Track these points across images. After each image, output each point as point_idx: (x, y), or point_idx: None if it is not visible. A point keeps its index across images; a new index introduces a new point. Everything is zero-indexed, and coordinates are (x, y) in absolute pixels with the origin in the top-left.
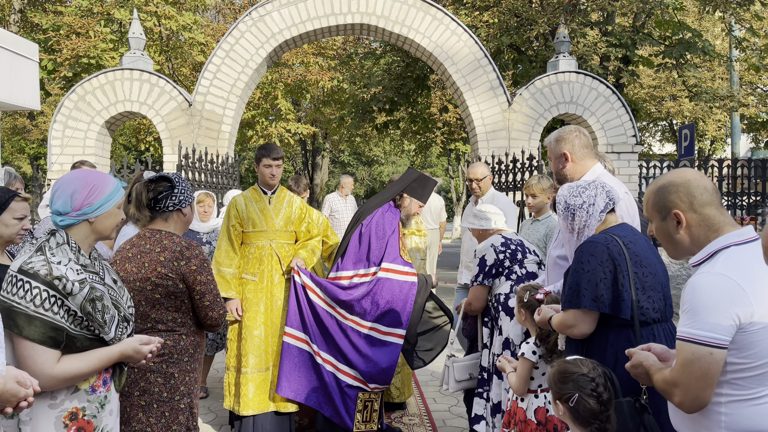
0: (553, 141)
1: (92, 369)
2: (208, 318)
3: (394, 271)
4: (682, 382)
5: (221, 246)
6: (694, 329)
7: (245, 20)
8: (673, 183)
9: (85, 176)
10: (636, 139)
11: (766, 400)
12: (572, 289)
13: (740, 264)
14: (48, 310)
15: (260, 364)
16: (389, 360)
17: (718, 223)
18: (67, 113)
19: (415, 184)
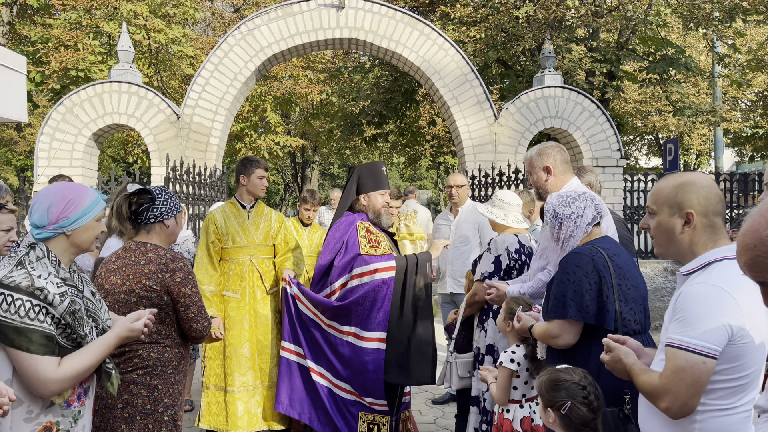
0: (535, 155)
1: (95, 360)
2: (192, 330)
3: (362, 274)
4: (672, 389)
5: (200, 263)
6: (689, 338)
7: (234, 34)
8: (696, 183)
9: (62, 190)
10: (620, 153)
11: (739, 410)
12: (557, 300)
13: (734, 278)
14: (34, 320)
15: (247, 382)
16: (373, 367)
17: (719, 234)
18: (54, 125)
19: (364, 179)
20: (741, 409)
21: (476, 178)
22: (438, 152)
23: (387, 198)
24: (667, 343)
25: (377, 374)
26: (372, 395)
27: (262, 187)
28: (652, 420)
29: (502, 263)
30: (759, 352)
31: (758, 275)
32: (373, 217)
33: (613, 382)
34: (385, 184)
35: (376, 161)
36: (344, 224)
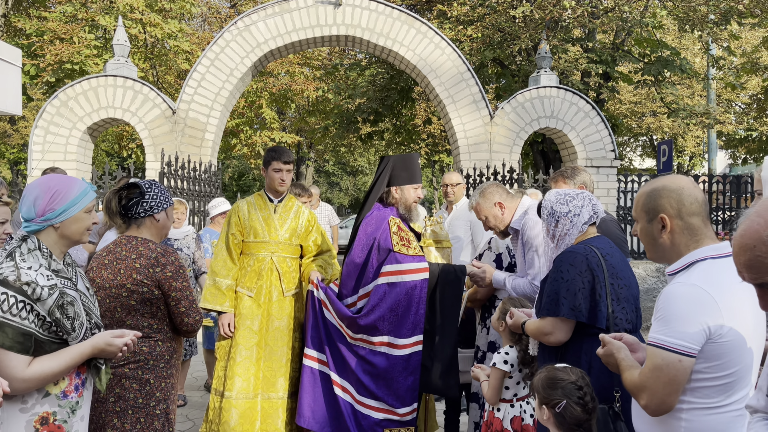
0: (480, 199)
1: (65, 367)
2: (184, 324)
3: (392, 273)
4: (649, 386)
5: (218, 255)
6: (666, 336)
7: (231, 29)
8: (666, 188)
9: (48, 182)
10: (615, 154)
11: (725, 409)
12: (551, 298)
13: (715, 277)
14: (16, 316)
15: (247, 389)
16: (412, 372)
17: (700, 234)
18: (48, 119)
19: (398, 170)
20: (731, 407)
21: (471, 177)
22: (433, 151)
23: (420, 192)
24: (647, 341)
25: (414, 375)
26: (406, 403)
27: (279, 180)
28: (641, 417)
29: (504, 261)
30: (743, 350)
31: (757, 277)
32: (403, 211)
33: (604, 380)
34: (419, 177)
35: (412, 153)
36: (376, 219)
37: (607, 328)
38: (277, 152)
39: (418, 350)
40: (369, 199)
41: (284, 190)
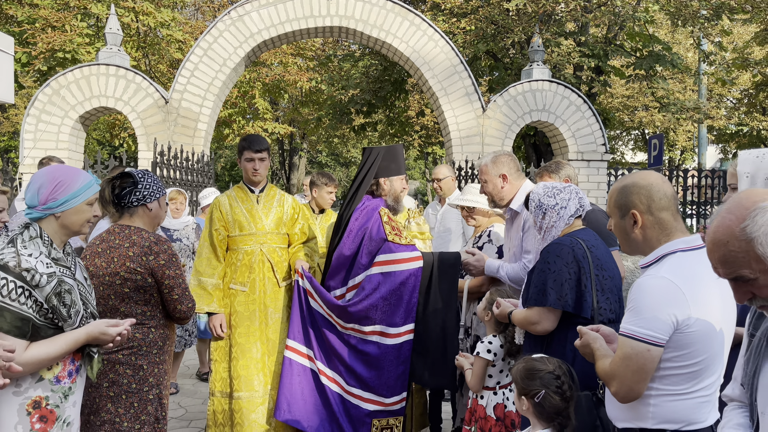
0: (490, 163)
1: (59, 353)
2: (177, 311)
3: (386, 263)
4: (619, 374)
5: (202, 253)
6: (635, 327)
7: (224, 19)
8: (636, 184)
9: (53, 172)
10: (605, 147)
11: (692, 395)
12: (538, 288)
13: (684, 269)
14: (15, 301)
15: (257, 387)
16: (403, 362)
17: (670, 228)
18: (40, 107)
19: (385, 162)
20: (696, 394)
21: (463, 169)
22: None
23: (405, 183)
24: (619, 331)
25: (405, 365)
26: (395, 393)
27: (252, 170)
28: (613, 403)
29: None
30: (710, 340)
31: (731, 271)
32: (392, 202)
33: (587, 367)
34: (404, 168)
35: (396, 144)
36: (367, 210)
37: (591, 318)
38: (248, 141)
39: (409, 339)
40: (359, 191)
41: (259, 180)
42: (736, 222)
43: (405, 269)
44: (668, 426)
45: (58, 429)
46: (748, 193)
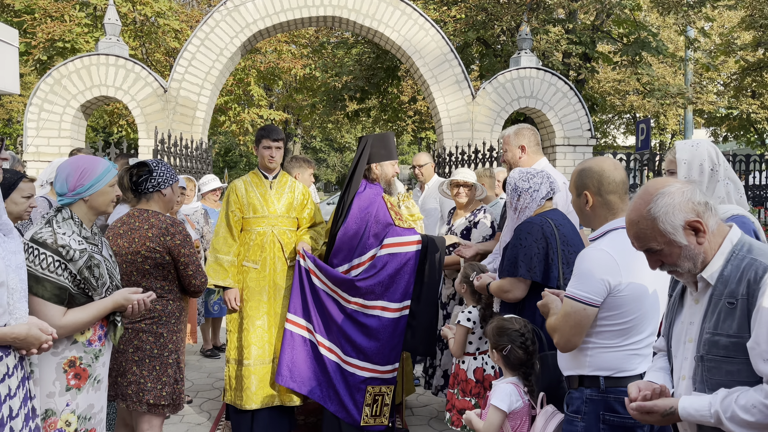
0: (512, 134)
1: (91, 318)
2: (191, 285)
3: (395, 245)
4: (560, 328)
5: (219, 232)
6: (575, 289)
7: (220, 9)
8: (591, 169)
9: (77, 161)
10: (591, 132)
11: (621, 349)
12: (510, 261)
13: (620, 243)
14: (53, 272)
15: (263, 355)
16: (399, 334)
17: (616, 208)
18: (42, 96)
19: (375, 149)
20: (626, 348)
21: (453, 155)
22: (420, 128)
23: (396, 168)
24: (564, 294)
25: (400, 338)
26: (390, 362)
27: (268, 157)
28: (561, 355)
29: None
30: (640, 303)
31: (642, 245)
32: (384, 186)
33: None
34: (395, 154)
35: (387, 132)
36: (368, 196)
37: (557, 287)
38: (266, 131)
39: (405, 314)
40: (354, 176)
41: (275, 167)
42: (644, 205)
43: (408, 251)
44: (601, 373)
45: (89, 385)
46: (654, 181)
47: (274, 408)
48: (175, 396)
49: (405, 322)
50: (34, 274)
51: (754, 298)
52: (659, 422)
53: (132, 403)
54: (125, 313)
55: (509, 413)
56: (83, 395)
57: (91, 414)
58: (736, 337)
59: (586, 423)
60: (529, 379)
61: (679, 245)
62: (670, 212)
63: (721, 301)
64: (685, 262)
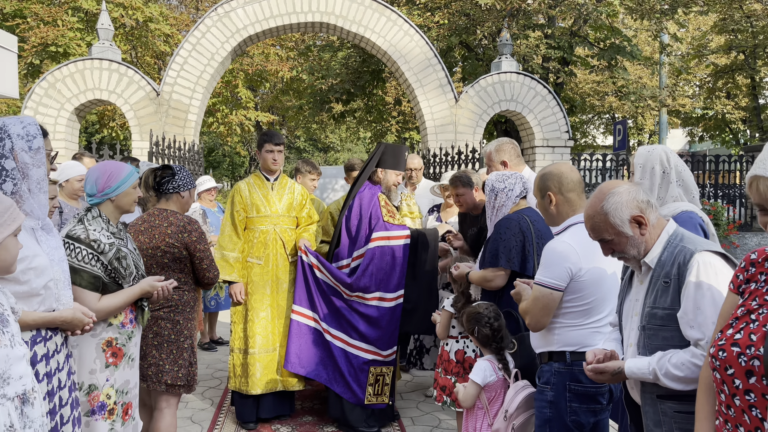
0: (494, 151)
1: (122, 303)
2: (205, 278)
3: (382, 238)
4: (530, 310)
5: (224, 231)
6: (542, 276)
7: (211, 15)
8: (551, 173)
9: (104, 166)
10: (569, 134)
11: (584, 327)
12: (492, 253)
13: (580, 235)
14: (88, 264)
15: (267, 344)
16: (397, 319)
17: (576, 205)
18: (37, 100)
19: (386, 156)
20: (589, 326)
21: (437, 156)
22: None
23: (399, 179)
24: (534, 280)
25: (397, 323)
26: (390, 346)
27: (271, 160)
28: (533, 335)
29: None
30: (598, 287)
31: (597, 235)
32: (385, 191)
33: None
34: (402, 166)
35: (403, 145)
36: (368, 195)
37: (533, 276)
38: (268, 135)
39: (400, 302)
40: (361, 176)
41: (277, 169)
42: (598, 203)
43: (397, 244)
44: (567, 348)
45: (125, 362)
46: (607, 183)
47: (277, 393)
48: (189, 377)
49: (400, 309)
50: (72, 266)
51: (683, 277)
52: (610, 380)
53: (152, 383)
54: (151, 299)
55: (484, 386)
56: (120, 372)
57: (127, 389)
58: (670, 309)
59: (555, 392)
60: (501, 354)
61: (626, 236)
62: (619, 208)
63: (659, 281)
64: (631, 249)
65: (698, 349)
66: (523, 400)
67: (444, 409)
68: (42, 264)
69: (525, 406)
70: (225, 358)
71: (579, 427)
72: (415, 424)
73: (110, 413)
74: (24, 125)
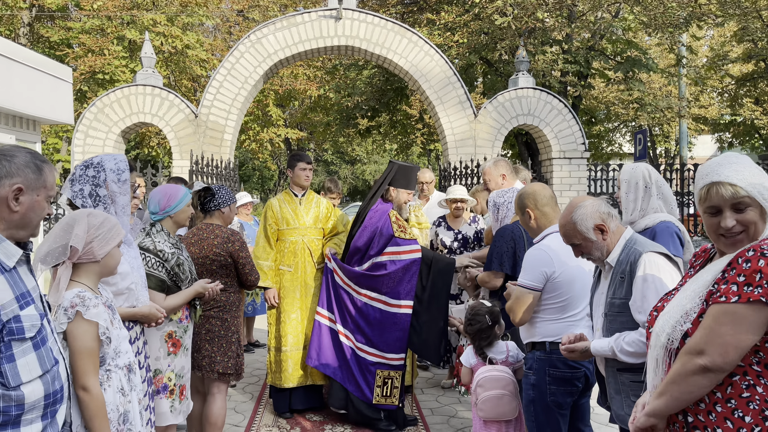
0: (492, 166)
1: (182, 301)
2: (248, 281)
3: (393, 253)
4: (514, 309)
5: (259, 242)
6: (523, 279)
7: (244, 42)
8: (527, 192)
9: (165, 189)
10: (585, 146)
11: (561, 321)
12: (488, 259)
13: (554, 243)
14: (155, 269)
15: (297, 343)
16: (400, 329)
17: (551, 217)
18: (87, 123)
19: (398, 176)
20: (565, 320)
21: (458, 169)
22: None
23: (410, 197)
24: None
25: (403, 332)
26: (394, 351)
27: (305, 177)
28: (520, 328)
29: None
30: (571, 286)
31: (569, 241)
32: (396, 208)
33: None
34: (413, 185)
35: (414, 165)
36: (379, 212)
37: None
38: (301, 156)
39: (407, 312)
40: (375, 194)
41: (308, 185)
42: (568, 214)
43: (407, 258)
44: (547, 339)
45: (182, 351)
46: (576, 198)
47: (308, 386)
48: (237, 366)
49: (407, 319)
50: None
51: (634, 272)
52: (580, 357)
53: (206, 372)
54: (203, 299)
55: (470, 367)
56: (178, 359)
57: (183, 373)
58: (625, 299)
59: (537, 376)
60: (480, 348)
61: (591, 240)
62: (585, 219)
63: (617, 276)
64: (595, 252)
65: (645, 330)
66: (486, 380)
67: (460, 401)
68: (125, 270)
69: (489, 385)
70: (261, 359)
71: (558, 406)
72: (434, 414)
73: (170, 393)
74: (116, 161)
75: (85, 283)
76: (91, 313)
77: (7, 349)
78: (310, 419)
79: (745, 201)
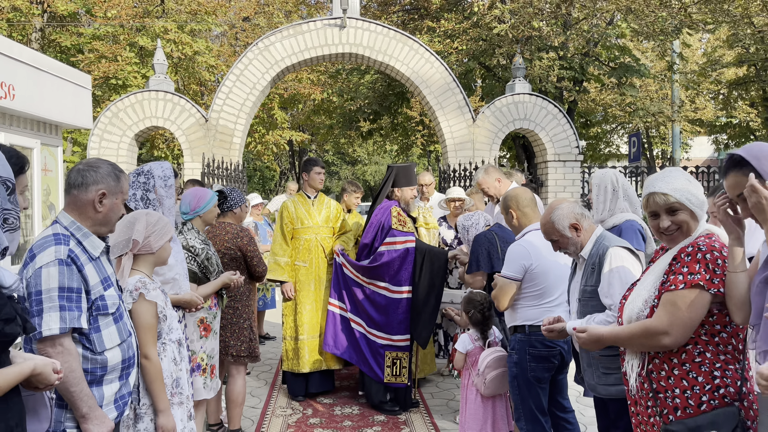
0: (484, 173)
1: (212, 291)
2: (257, 272)
3: (391, 243)
4: (497, 297)
5: (276, 240)
6: (505, 270)
7: (252, 49)
8: (510, 195)
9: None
10: (579, 149)
11: (539, 306)
12: (470, 261)
13: (533, 239)
14: (189, 263)
15: (313, 331)
16: (403, 312)
17: (531, 216)
18: (102, 127)
19: (399, 177)
20: (542, 306)
21: (457, 171)
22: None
23: (414, 192)
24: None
25: (406, 315)
26: (400, 333)
27: (319, 180)
28: (506, 313)
29: None
30: (547, 276)
31: (548, 237)
32: (403, 205)
33: None
34: (414, 181)
35: (410, 164)
36: (383, 209)
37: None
38: (316, 161)
39: (407, 297)
40: (379, 197)
41: (321, 187)
42: (548, 214)
43: (401, 247)
44: (526, 323)
45: (212, 335)
46: (555, 200)
47: (322, 372)
48: (251, 349)
49: (407, 303)
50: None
51: (602, 263)
52: (558, 337)
53: (222, 356)
54: (229, 288)
55: (465, 353)
56: (209, 342)
57: (213, 354)
58: (594, 286)
59: (519, 355)
60: (485, 333)
61: (567, 237)
62: (562, 218)
63: (589, 267)
64: (571, 247)
65: (610, 311)
66: (492, 361)
67: (458, 385)
68: (171, 262)
69: (494, 365)
70: (273, 350)
71: (537, 380)
72: (434, 398)
73: (203, 371)
74: (163, 169)
75: (143, 271)
76: (151, 295)
77: (95, 322)
78: (321, 402)
79: (675, 206)
